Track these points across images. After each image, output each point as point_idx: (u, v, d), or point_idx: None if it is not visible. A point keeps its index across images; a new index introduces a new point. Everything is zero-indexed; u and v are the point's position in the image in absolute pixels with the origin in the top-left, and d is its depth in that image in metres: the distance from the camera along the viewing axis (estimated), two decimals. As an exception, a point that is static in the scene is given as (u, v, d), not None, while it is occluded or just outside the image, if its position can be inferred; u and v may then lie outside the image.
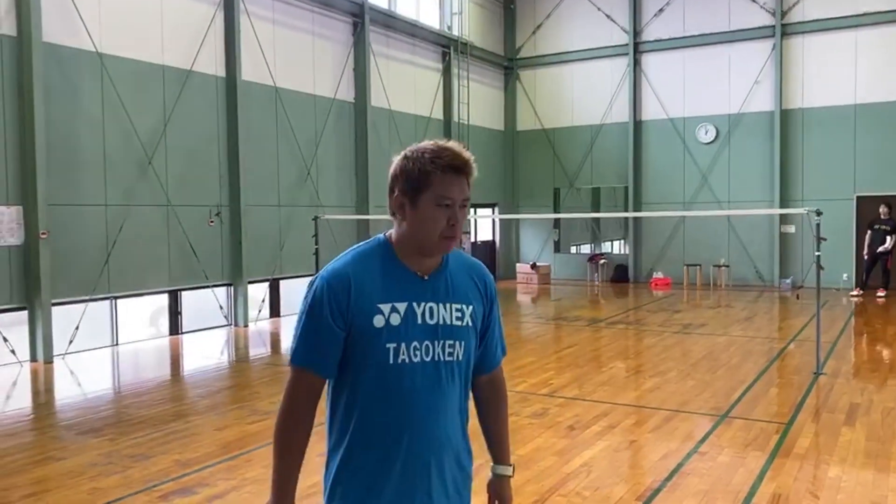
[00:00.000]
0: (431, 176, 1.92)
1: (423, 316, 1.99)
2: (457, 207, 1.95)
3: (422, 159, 1.93)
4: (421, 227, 1.95)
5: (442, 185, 1.92)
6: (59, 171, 9.91)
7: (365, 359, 1.96)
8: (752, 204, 17.25)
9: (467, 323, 2.06)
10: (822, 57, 16.77)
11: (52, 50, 9.82)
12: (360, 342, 1.96)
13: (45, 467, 5.54)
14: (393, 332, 1.95)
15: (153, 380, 9.04)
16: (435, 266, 2.05)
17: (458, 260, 2.12)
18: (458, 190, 1.94)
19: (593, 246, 20.80)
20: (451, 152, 1.94)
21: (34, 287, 9.52)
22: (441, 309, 2.02)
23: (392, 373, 1.96)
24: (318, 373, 1.99)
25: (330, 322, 1.94)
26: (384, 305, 1.96)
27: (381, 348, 1.94)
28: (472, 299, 2.09)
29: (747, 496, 4.75)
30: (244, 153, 12.52)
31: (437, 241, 1.96)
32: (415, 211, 1.95)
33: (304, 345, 1.99)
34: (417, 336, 1.97)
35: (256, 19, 12.95)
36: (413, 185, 1.94)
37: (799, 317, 12.84)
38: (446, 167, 1.92)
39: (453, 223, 1.95)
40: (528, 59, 20.40)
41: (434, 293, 2.02)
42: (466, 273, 2.12)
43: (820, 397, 7.29)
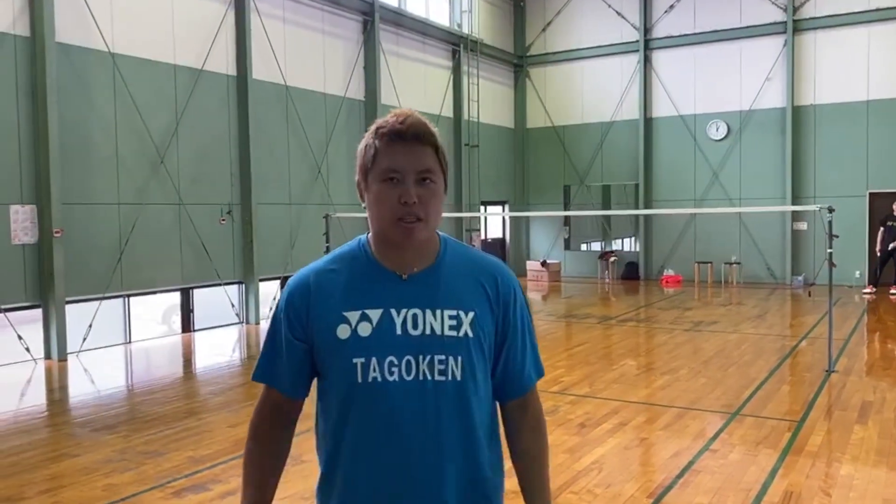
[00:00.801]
0: (377, 148, 1.63)
1: (405, 325, 1.63)
2: (409, 182, 1.61)
3: (370, 133, 1.66)
4: (372, 211, 1.65)
5: (385, 156, 1.61)
6: (73, 170, 9.99)
7: (332, 376, 1.67)
8: (764, 201, 17.18)
9: (466, 333, 1.65)
10: (834, 53, 16.67)
11: (65, 50, 9.89)
12: (325, 357, 1.67)
13: (59, 464, 5.59)
14: (361, 344, 1.62)
15: (166, 377, 9.10)
16: (421, 263, 1.69)
17: (460, 256, 1.75)
18: (407, 159, 1.61)
19: (604, 243, 20.76)
20: (394, 118, 1.63)
21: (48, 285, 9.60)
22: (429, 316, 1.64)
23: (362, 394, 1.62)
24: (281, 390, 1.73)
25: (288, 334, 1.69)
26: (352, 313, 1.64)
27: (346, 364, 1.62)
28: (473, 304, 1.68)
29: (759, 494, 4.74)
30: (255, 152, 12.57)
31: (390, 225, 1.62)
32: (368, 192, 1.66)
33: (263, 358, 1.75)
34: (395, 349, 1.62)
35: (267, 18, 12.99)
36: (363, 165, 1.66)
37: (811, 314, 12.78)
38: (388, 134, 1.62)
39: (405, 200, 1.60)
40: (538, 57, 20.36)
41: (419, 297, 1.66)
42: (469, 271, 1.73)
43: (832, 395, 7.26)
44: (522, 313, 1.76)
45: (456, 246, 1.77)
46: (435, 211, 1.65)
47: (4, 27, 9.29)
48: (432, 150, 1.65)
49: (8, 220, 9.31)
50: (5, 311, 9.34)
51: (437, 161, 1.66)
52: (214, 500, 4.80)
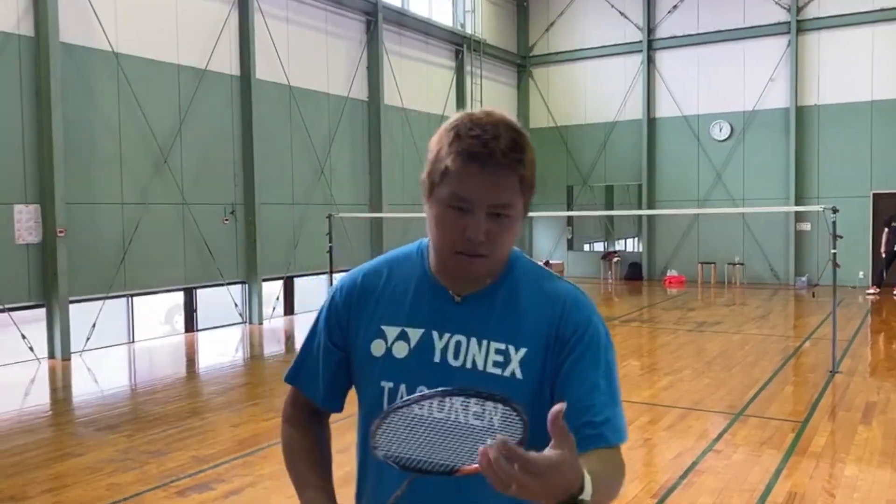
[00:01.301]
0: (450, 162, 1.32)
1: (445, 353, 1.40)
2: (480, 214, 1.31)
3: (446, 136, 1.35)
4: (432, 231, 1.40)
5: (458, 179, 1.31)
6: (77, 170, 10.00)
7: (359, 398, 1.51)
8: (767, 201, 17.16)
9: (513, 373, 1.37)
10: (838, 53, 16.64)
11: (69, 50, 9.90)
12: (356, 373, 1.50)
13: (63, 463, 5.60)
14: (393, 365, 1.42)
15: (169, 377, 9.11)
16: (479, 282, 1.42)
17: (528, 279, 1.45)
18: (482, 190, 1.30)
19: (607, 244, 20.74)
20: (479, 132, 1.30)
21: (52, 285, 9.62)
22: (473, 346, 1.39)
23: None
24: (312, 399, 1.57)
25: (326, 338, 1.53)
26: (390, 328, 1.44)
27: (374, 385, 1.44)
28: (528, 339, 1.39)
29: (763, 494, 4.73)
30: (258, 152, 12.58)
31: (448, 255, 1.37)
32: (430, 206, 1.38)
33: (299, 358, 1.59)
34: (428, 379, 1.38)
35: (270, 18, 13.00)
36: (430, 173, 1.37)
37: (814, 315, 12.76)
38: (465, 154, 1.30)
39: (469, 236, 1.32)
40: (541, 57, 20.36)
41: (467, 322, 1.41)
42: (532, 298, 1.43)
43: (836, 396, 7.24)
44: (594, 355, 1.38)
45: (526, 266, 1.48)
46: (505, 246, 1.38)
47: (9, 27, 9.31)
48: (517, 179, 1.33)
49: (12, 220, 9.33)
50: (9, 310, 9.35)
51: (520, 192, 1.35)
52: (217, 500, 4.81)
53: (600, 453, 1.29)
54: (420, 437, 1.21)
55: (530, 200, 1.41)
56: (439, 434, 1.21)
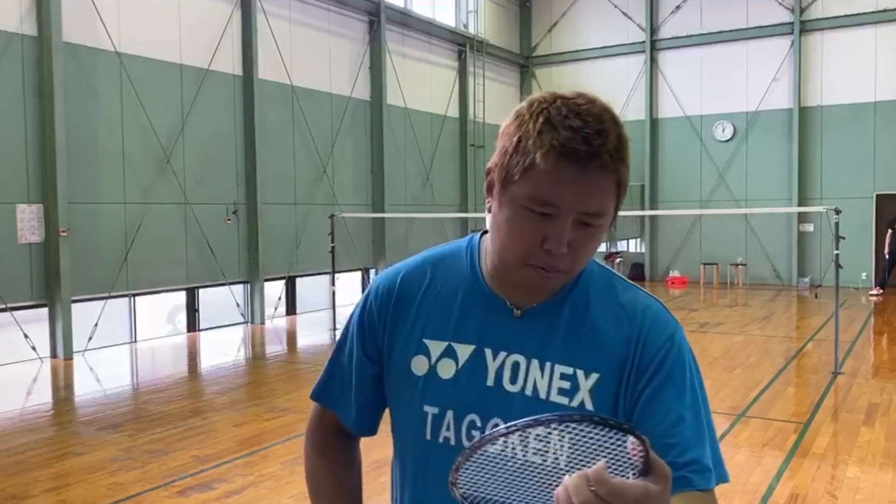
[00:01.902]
0: (534, 157, 1.06)
1: (500, 374, 1.19)
2: (567, 223, 1.08)
3: (529, 124, 1.08)
4: (499, 235, 1.15)
5: (548, 179, 1.07)
6: (79, 169, 10.01)
7: (396, 422, 1.30)
8: (770, 202, 17.13)
9: (581, 403, 1.16)
10: (841, 54, 16.62)
11: (71, 50, 9.91)
12: (392, 392, 1.28)
13: (65, 462, 5.60)
14: (438, 387, 1.21)
15: (171, 376, 9.12)
16: (542, 295, 1.21)
17: (600, 291, 1.23)
18: (575, 195, 1.07)
19: (609, 244, 20.72)
20: (580, 124, 1.05)
21: (54, 284, 9.63)
22: (534, 370, 1.18)
23: (428, 456, 1.21)
24: (343, 420, 1.36)
25: (358, 348, 1.30)
26: (434, 343, 1.23)
27: (415, 409, 1.22)
28: (598, 363, 1.18)
29: (764, 495, 4.72)
30: (261, 151, 12.58)
31: (517, 265, 1.14)
32: (500, 204, 1.14)
33: (326, 376, 1.38)
34: (480, 406, 1.18)
35: (273, 18, 13.01)
36: (505, 164, 1.11)
37: (817, 316, 12.74)
38: (561, 150, 1.05)
39: (550, 247, 1.09)
40: (543, 57, 20.35)
41: (527, 339, 1.19)
42: (606, 315, 1.21)
43: (838, 397, 7.23)
44: (679, 382, 1.17)
45: (599, 275, 1.26)
46: (587, 258, 1.16)
47: (12, 27, 9.32)
48: (614, 181, 1.09)
49: (15, 220, 9.34)
50: (12, 309, 9.36)
51: (615, 198, 1.11)
52: (219, 500, 4.81)
53: (687, 497, 1.08)
54: (509, 478, 0.98)
55: (621, 203, 1.16)
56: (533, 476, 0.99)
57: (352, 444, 1.43)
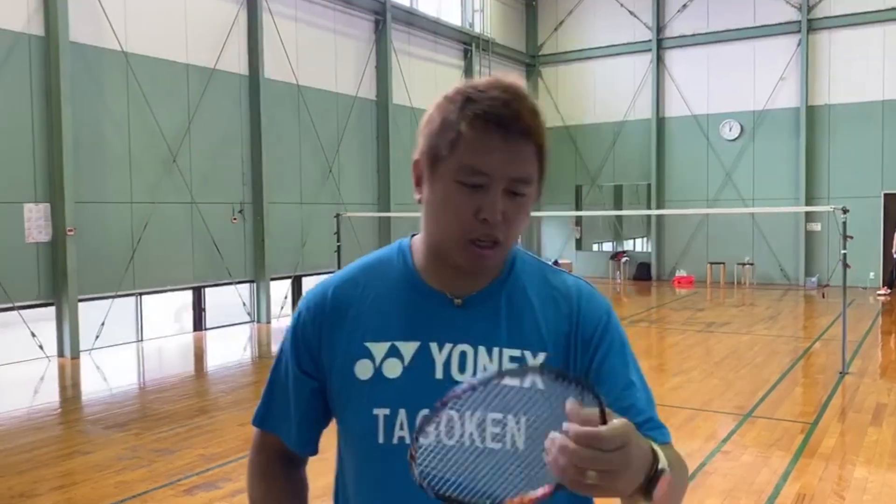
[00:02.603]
0: (461, 131, 1.12)
1: (448, 367, 1.19)
2: (497, 191, 1.13)
3: (451, 104, 1.15)
4: (432, 216, 1.19)
5: (473, 149, 1.11)
6: (86, 169, 10.04)
7: (345, 431, 1.27)
8: (777, 201, 17.07)
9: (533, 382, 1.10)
10: (849, 52, 16.54)
11: (78, 49, 9.94)
12: (337, 402, 1.26)
13: (72, 461, 5.62)
14: (386, 389, 1.19)
15: (177, 375, 9.14)
16: (478, 282, 1.23)
17: (533, 274, 1.28)
18: (503, 161, 1.12)
19: (615, 243, 20.69)
20: (498, 91, 1.12)
21: (61, 283, 9.66)
22: (482, 357, 1.19)
23: (384, 459, 1.18)
24: (286, 441, 1.34)
25: (294, 366, 1.29)
26: (377, 345, 1.21)
27: (365, 415, 1.20)
28: (545, 342, 1.21)
29: (771, 496, 4.71)
30: (267, 151, 12.60)
31: (456, 245, 1.16)
32: (431, 188, 1.18)
33: (267, 400, 1.35)
34: (432, 400, 1.05)
35: (279, 17, 13.03)
36: (432, 147, 1.17)
37: (824, 316, 12.69)
38: (484, 117, 1.11)
39: (486, 217, 1.12)
40: (549, 56, 20.32)
41: (471, 328, 1.21)
42: (544, 298, 1.25)
43: (846, 397, 7.20)
44: (621, 350, 1.24)
45: (529, 262, 1.30)
46: (520, 230, 1.20)
47: (19, 27, 9.35)
48: (536, 149, 1.15)
49: (22, 219, 9.38)
50: (19, 308, 9.40)
51: (539, 165, 1.17)
52: (225, 498, 4.82)
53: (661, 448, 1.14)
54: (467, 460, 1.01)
55: (544, 182, 1.23)
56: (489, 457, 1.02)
57: (297, 468, 1.40)
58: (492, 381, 0.93)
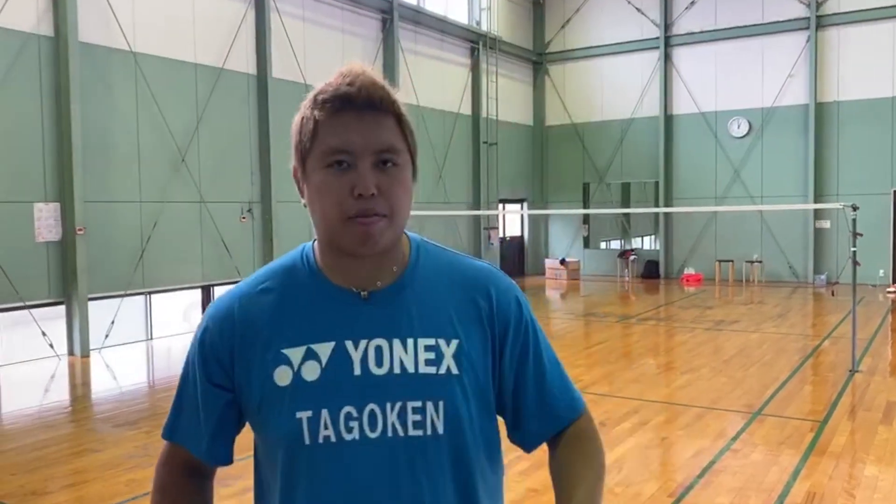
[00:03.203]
0: (317, 122, 1.20)
1: (365, 362, 1.21)
2: (365, 166, 1.17)
3: (308, 101, 1.25)
4: (315, 209, 1.23)
5: (331, 129, 1.17)
6: (95, 168, 10.09)
7: (269, 437, 1.27)
8: (786, 199, 17.00)
9: (448, 370, 1.22)
10: (858, 49, 16.46)
11: (87, 50, 9.99)
12: (257, 411, 1.25)
13: (82, 459, 5.65)
14: (306, 391, 1.20)
15: (187, 374, 9.17)
16: (385, 276, 1.25)
17: (439, 264, 1.31)
18: (360, 135, 1.16)
19: (623, 241, 20.65)
20: (339, 80, 1.19)
21: (71, 282, 9.71)
22: (397, 349, 1.22)
23: (311, 460, 1.20)
24: (195, 453, 1.34)
25: (202, 379, 1.28)
26: (293, 350, 1.22)
27: (287, 420, 1.20)
28: (457, 329, 1.24)
29: (781, 494, 4.70)
30: (275, 150, 12.63)
31: (340, 226, 1.18)
32: (307, 184, 1.25)
33: (175, 414, 1.35)
34: (353, 396, 1.19)
35: (287, 17, 13.05)
36: (298, 146, 1.25)
37: (834, 313, 12.63)
38: (332, 100, 1.18)
39: (360, 192, 1.15)
40: (557, 54, 20.29)
41: (383, 323, 1.23)
42: (451, 285, 1.28)
43: (856, 395, 7.17)
44: (534, 330, 1.31)
45: (433, 251, 1.33)
46: (402, 205, 1.22)
47: (29, 27, 9.40)
48: (394, 120, 1.21)
49: (32, 218, 9.43)
50: (30, 307, 9.46)
51: (402, 135, 1.22)
52: (235, 496, 4.83)
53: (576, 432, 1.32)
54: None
55: (416, 157, 1.27)
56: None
57: (203, 479, 1.39)
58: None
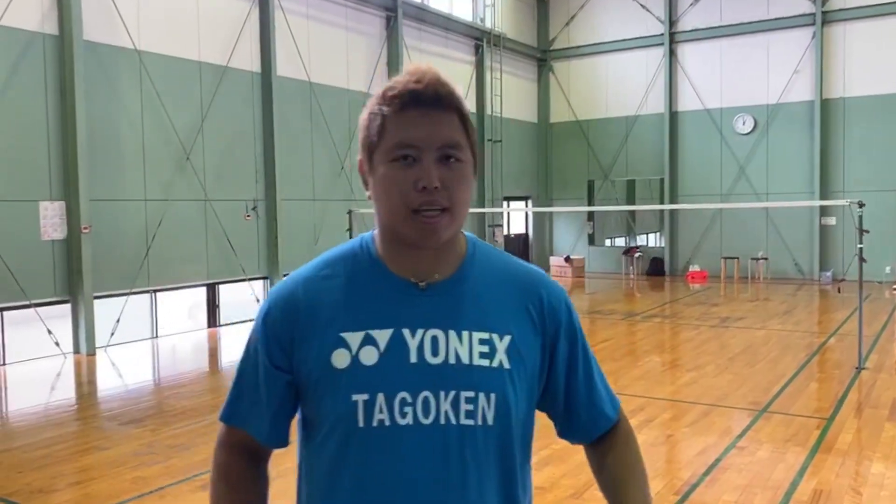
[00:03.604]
0: (385, 118, 1.24)
1: (421, 351, 1.25)
2: (429, 160, 1.21)
3: (375, 98, 1.28)
4: (380, 202, 1.26)
5: (396, 127, 1.23)
6: (100, 167, 10.11)
7: (322, 418, 1.27)
8: (792, 196, 16.94)
9: (500, 363, 1.27)
10: (864, 44, 16.38)
11: (92, 48, 10.00)
12: (314, 392, 1.28)
13: (89, 456, 5.67)
14: (364, 375, 1.24)
15: (192, 372, 9.19)
16: (443, 269, 1.30)
17: (493, 262, 1.36)
18: (426, 131, 1.22)
19: (628, 239, 20.61)
20: (408, 76, 1.25)
21: (77, 280, 9.74)
22: (453, 340, 1.26)
23: (364, 442, 1.24)
24: (257, 437, 1.37)
25: (266, 361, 1.31)
26: (352, 334, 1.26)
27: (343, 402, 1.24)
28: (510, 326, 1.30)
29: (788, 492, 4.68)
30: (279, 148, 12.64)
31: (404, 220, 1.23)
32: (374, 177, 1.27)
33: (235, 396, 1.38)
34: (408, 383, 1.24)
35: (291, 15, 13.05)
36: (366, 140, 1.27)
37: (840, 310, 12.59)
38: (400, 97, 1.23)
39: (424, 185, 1.20)
40: (561, 51, 20.25)
41: (441, 314, 1.27)
42: (504, 284, 1.34)
43: (862, 392, 7.15)
44: (582, 334, 1.40)
45: (487, 249, 1.39)
46: (463, 200, 1.25)
47: (33, 26, 9.41)
48: (458, 117, 1.25)
49: (38, 217, 9.45)
50: (36, 305, 9.48)
51: (465, 133, 1.26)
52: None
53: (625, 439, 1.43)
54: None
55: (477, 153, 1.31)
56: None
57: (260, 464, 1.42)
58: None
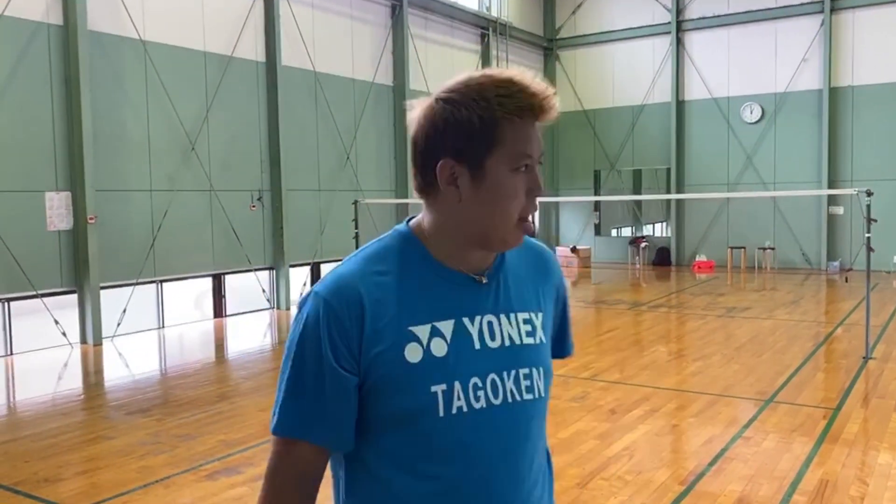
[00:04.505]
0: (501, 125, 1.23)
1: (482, 336, 1.31)
2: (537, 167, 1.29)
3: (482, 102, 1.23)
4: (491, 209, 1.26)
5: (520, 137, 1.24)
6: (106, 157, 10.12)
7: (397, 415, 1.26)
8: (799, 185, 16.85)
9: (541, 339, 1.38)
10: (873, 32, 16.24)
11: (97, 38, 9.99)
12: (385, 389, 1.26)
13: (95, 446, 5.69)
14: (438, 366, 1.26)
15: (198, 362, 9.22)
16: (486, 260, 1.35)
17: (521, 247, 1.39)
18: (538, 141, 1.28)
19: (634, 229, 20.56)
20: (526, 85, 1.24)
21: (83, 271, 9.76)
22: (504, 323, 1.34)
23: (446, 431, 1.26)
24: (322, 445, 1.28)
25: (333, 365, 1.24)
26: (419, 328, 1.27)
27: (423, 394, 1.25)
28: (541, 303, 1.42)
29: (793, 481, 4.67)
30: (284, 138, 12.62)
31: (515, 227, 1.28)
32: (480, 183, 1.25)
33: (294, 404, 1.26)
34: (477, 368, 1.29)
35: (296, 4, 13.00)
36: (474, 144, 1.24)
37: (847, 300, 12.54)
38: (526, 108, 1.23)
39: (537, 194, 1.29)
40: (567, 40, 20.14)
41: (490, 300, 1.34)
42: (532, 265, 1.44)
43: (869, 382, 7.12)
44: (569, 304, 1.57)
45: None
46: None
47: (38, 16, 9.40)
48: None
49: (44, 207, 9.47)
50: (42, 296, 9.51)
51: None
52: (246, 483, 4.86)
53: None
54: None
55: None
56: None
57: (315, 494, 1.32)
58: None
